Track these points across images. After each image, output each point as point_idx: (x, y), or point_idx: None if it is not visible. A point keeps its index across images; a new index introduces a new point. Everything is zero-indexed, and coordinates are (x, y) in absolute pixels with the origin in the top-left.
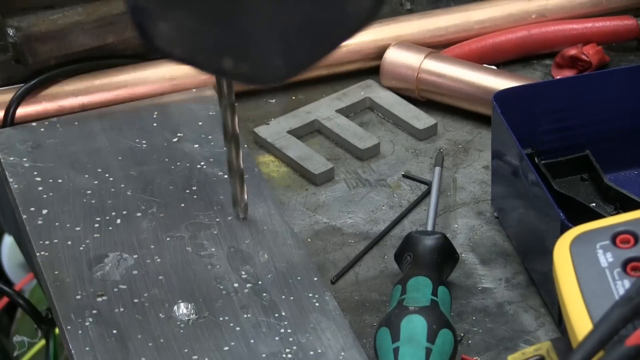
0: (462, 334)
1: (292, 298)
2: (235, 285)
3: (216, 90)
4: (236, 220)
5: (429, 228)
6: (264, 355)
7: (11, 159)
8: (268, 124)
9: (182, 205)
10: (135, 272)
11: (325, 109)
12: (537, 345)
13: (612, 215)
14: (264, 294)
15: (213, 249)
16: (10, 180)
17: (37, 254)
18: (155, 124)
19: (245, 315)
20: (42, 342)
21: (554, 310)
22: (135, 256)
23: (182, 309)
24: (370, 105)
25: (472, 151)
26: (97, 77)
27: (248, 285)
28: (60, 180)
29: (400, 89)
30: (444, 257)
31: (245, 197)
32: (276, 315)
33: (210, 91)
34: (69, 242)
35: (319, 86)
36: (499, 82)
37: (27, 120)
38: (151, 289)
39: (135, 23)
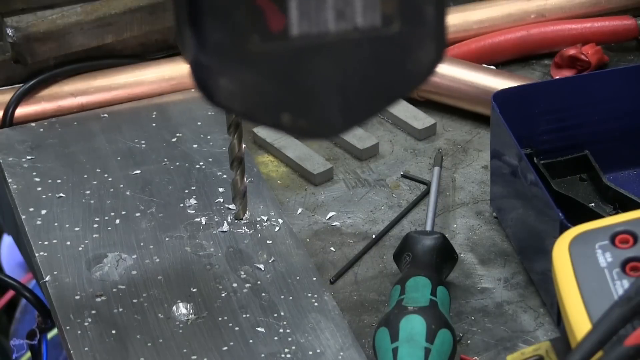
0: (461, 334)
1: (291, 298)
2: (234, 285)
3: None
4: (235, 221)
5: (428, 228)
6: (262, 355)
7: (10, 159)
8: None
9: (181, 205)
10: (134, 272)
11: None
12: (536, 345)
13: (611, 215)
14: (263, 294)
15: (212, 249)
16: (9, 180)
17: (36, 254)
18: (154, 124)
19: (244, 315)
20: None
21: (553, 310)
22: (135, 256)
23: (181, 309)
24: None
25: (471, 151)
26: (96, 78)
27: (247, 285)
28: (59, 181)
29: None
30: (443, 257)
31: (245, 197)
32: (275, 315)
33: None
34: (68, 243)
35: None
36: (498, 82)
37: (26, 120)
38: (150, 289)
39: (196, 79)
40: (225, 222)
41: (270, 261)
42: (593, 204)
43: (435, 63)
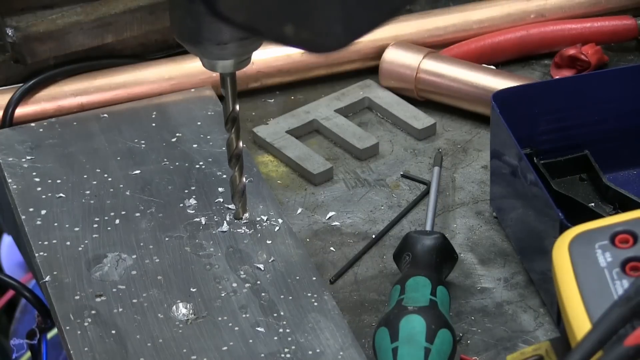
0: (461, 334)
1: (290, 298)
2: (234, 285)
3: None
4: (235, 220)
5: (428, 228)
6: (262, 355)
7: (10, 159)
8: (267, 123)
9: (181, 205)
10: (134, 272)
11: (324, 108)
12: (536, 345)
13: (611, 215)
14: (263, 294)
15: (212, 249)
16: (9, 180)
17: (36, 255)
18: (154, 124)
19: (244, 315)
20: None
21: (552, 310)
22: (134, 256)
23: (181, 309)
24: (369, 105)
25: (471, 151)
26: (96, 77)
27: (247, 285)
28: (59, 181)
29: (399, 89)
30: (443, 257)
31: (244, 195)
32: (275, 315)
33: (209, 91)
34: (68, 243)
35: (318, 86)
36: (498, 82)
37: (26, 120)
38: (150, 289)
39: None
40: (225, 222)
41: (270, 261)
42: (593, 204)
43: None
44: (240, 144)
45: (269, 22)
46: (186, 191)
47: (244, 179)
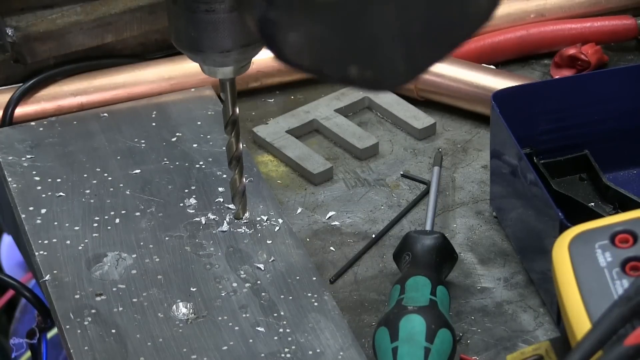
0: (460, 334)
1: (290, 298)
2: (234, 285)
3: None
4: (235, 220)
5: (428, 228)
6: (262, 355)
7: (10, 158)
8: (267, 123)
9: (181, 204)
10: (134, 271)
11: (324, 108)
12: (535, 344)
13: (610, 214)
14: (263, 294)
15: (212, 249)
16: (9, 179)
17: (36, 254)
18: (154, 124)
19: (244, 315)
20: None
21: (552, 309)
22: (134, 256)
23: (181, 309)
24: (369, 105)
25: (470, 151)
26: (96, 77)
27: (247, 284)
28: (59, 180)
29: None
30: (443, 256)
31: (244, 196)
32: (275, 315)
33: (209, 91)
34: (68, 242)
35: (318, 86)
36: (498, 82)
37: (26, 119)
38: (150, 289)
39: (264, 35)
40: (225, 221)
41: (270, 261)
42: (593, 204)
43: (493, 7)
44: (240, 146)
45: (334, 65)
46: (186, 191)
47: (244, 181)
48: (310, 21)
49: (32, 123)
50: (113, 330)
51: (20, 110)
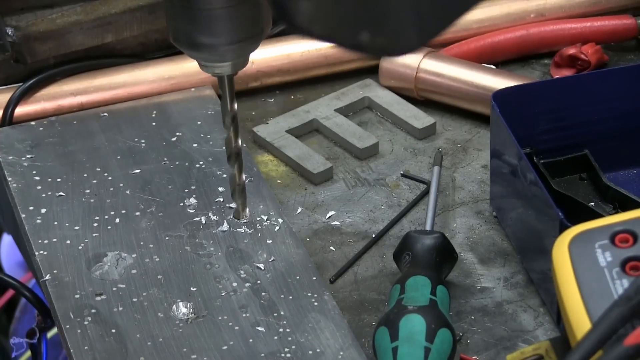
0: (460, 334)
1: (290, 297)
2: (234, 284)
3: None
4: (235, 220)
5: (428, 227)
6: (262, 355)
7: (10, 158)
8: (267, 123)
9: (181, 204)
10: (134, 271)
11: (324, 108)
12: (535, 344)
13: (610, 214)
14: (263, 294)
15: (212, 249)
16: (9, 179)
17: (36, 253)
18: (154, 123)
19: (244, 315)
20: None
21: (552, 309)
22: (134, 255)
23: (181, 308)
24: (369, 105)
25: (470, 150)
26: (96, 77)
27: (247, 284)
28: (59, 180)
29: (399, 89)
30: (443, 256)
31: (244, 193)
32: (275, 314)
33: (209, 91)
34: (68, 241)
35: (318, 85)
36: (498, 82)
37: (26, 119)
38: (150, 288)
39: (276, 5)
40: (225, 221)
41: (270, 260)
42: (593, 204)
43: None
44: (239, 141)
45: (346, 31)
46: (186, 190)
47: (243, 177)
48: None
49: (32, 123)
50: (113, 330)
51: (20, 110)
